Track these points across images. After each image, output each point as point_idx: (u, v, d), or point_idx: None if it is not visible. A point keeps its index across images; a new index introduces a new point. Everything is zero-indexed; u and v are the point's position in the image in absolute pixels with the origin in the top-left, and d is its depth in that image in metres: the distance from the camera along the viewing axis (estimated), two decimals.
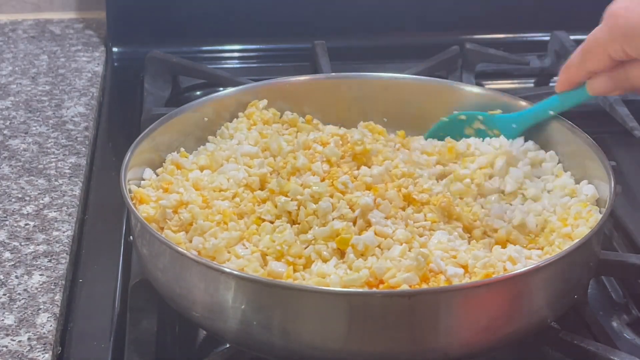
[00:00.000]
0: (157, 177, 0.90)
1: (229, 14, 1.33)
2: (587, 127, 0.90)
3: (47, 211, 0.96)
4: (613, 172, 0.85)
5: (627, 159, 1.07)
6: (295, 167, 0.87)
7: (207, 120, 0.97)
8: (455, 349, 0.75)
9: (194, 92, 1.24)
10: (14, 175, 1.02)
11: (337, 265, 0.79)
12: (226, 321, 0.76)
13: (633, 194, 1.03)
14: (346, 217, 0.82)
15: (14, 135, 1.10)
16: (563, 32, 1.30)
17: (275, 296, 0.73)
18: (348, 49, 1.31)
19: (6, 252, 0.90)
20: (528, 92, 1.19)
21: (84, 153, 1.07)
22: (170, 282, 0.79)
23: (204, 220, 0.83)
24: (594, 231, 0.79)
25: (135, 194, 0.86)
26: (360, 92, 1.01)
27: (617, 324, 0.88)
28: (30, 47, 1.31)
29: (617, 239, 0.97)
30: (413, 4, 1.35)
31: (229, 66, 1.31)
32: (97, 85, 1.22)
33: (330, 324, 0.73)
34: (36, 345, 0.80)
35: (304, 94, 1.01)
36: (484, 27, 1.36)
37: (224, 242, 0.81)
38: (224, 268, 0.75)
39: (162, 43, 1.28)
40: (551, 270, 0.76)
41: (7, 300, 0.84)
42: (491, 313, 0.75)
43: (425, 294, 0.74)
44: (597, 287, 0.93)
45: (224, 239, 0.81)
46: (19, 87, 1.20)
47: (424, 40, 1.32)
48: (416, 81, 1.03)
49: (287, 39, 1.33)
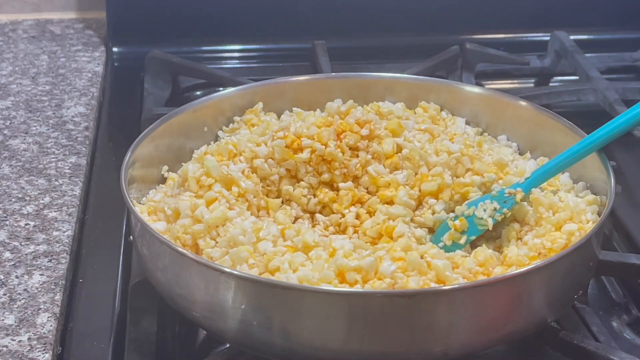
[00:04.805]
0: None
1: (229, 14, 1.33)
2: (587, 127, 0.90)
3: (47, 211, 0.97)
4: (613, 172, 0.85)
5: (627, 159, 1.07)
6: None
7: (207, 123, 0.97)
8: (455, 349, 0.75)
9: (194, 92, 1.24)
10: (14, 175, 1.02)
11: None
12: (226, 321, 0.76)
13: (633, 194, 1.03)
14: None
15: (14, 135, 1.10)
16: (563, 32, 1.30)
17: (275, 296, 0.73)
18: (348, 49, 1.31)
19: (6, 252, 0.90)
20: (528, 92, 1.19)
21: (84, 153, 1.07)
22: (170, 282, 0.79)
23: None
24: (594, 231, 0.79)
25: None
26: (360, 92, 1.01)
27: (617, 324, 0.88)
28: (30, 47, 1.31)
29: (617, 239, 0.97)
30: (413, 4, 1.35)
31: (229, 66, 1.31)
32: (97, 85, 1.22)
33: (330, 324, 0.73)
34: (36, 345, 0.80)
35: (304, 94, 1.01)
36: (484, 27, 1.36)
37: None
38: (224, 268, 0.75)
39: (162, 43, 1.28)
40: (551, 270, 0.76)
41: (7, 300, 0.84)
42: (491, 313, 0.75)
43: (425, 294, 0.74)
44: (597, 287, 0.93)
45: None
46: (19, 87, 1.20)
47: (424, 40, 1.32)
48: (416, 81, 1.03)
49: (287, 39, 1.33)
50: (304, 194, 0.90)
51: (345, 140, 0.91)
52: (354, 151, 0.92)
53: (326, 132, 0.91)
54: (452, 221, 0.87)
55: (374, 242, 0.86)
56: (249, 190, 0.86)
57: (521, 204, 0.86)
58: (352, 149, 0.92)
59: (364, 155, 0.91)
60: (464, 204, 0.88)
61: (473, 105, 0.99)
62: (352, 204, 0.90)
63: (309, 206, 0.91)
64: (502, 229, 0.87)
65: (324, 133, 0.91)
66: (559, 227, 0.83)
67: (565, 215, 0.84)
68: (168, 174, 0.91)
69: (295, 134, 0.91)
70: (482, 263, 0.81)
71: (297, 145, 0.90)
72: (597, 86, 1.17)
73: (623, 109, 1.09)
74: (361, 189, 0.91)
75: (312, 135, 0.91)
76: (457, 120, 0.98)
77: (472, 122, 0.99)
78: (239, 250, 0.79)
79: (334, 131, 0.91)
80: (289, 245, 0.80)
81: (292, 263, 0.77)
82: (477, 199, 0.88)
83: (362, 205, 0.90)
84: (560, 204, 0.85)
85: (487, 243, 0.86)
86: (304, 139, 0.91)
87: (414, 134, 0.93)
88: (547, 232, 0.83)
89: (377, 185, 0.90)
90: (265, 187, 0.90)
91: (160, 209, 0.86)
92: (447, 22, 1.35)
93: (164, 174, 0.92)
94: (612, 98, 1.14)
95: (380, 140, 0.92)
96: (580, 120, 0.93)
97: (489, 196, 0.88)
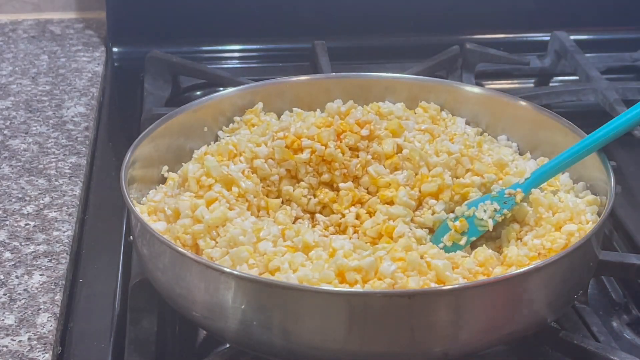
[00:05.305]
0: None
1: (229, 14, 1.33)
2: (587, 127, 0.90)
3: (47, 211, 0.97)
4: (613, 172, 0.85)
5: (627, 159, 1.07)
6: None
7: (207, 123, 0.97)
8: (455, 349, 0.75)
9: (194, 92, 1.24)
10: (14, 175, 1.02)
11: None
12: (226, 321, 0.76)
13: (633, 194, 1.03)
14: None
15: (14, 135, 1.10)
16: (563, 32, 1.30)
17: (275, 296, 0.73)
18: (348, 49, 1.31)
19: (6, 252, 0.90)
20: (528, 92, 1.19)
21: (84, 153, 1.07)
22: (170, 282, 0.79)
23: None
24: (594, 231, 0.79)
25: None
26: (360, 92, 1.01)
27: (617, 324, 0.88)
28: (30, 47, 1.31)
29: (617, 239, 0.97)
30: (413, 4, 1.35)
31: (229, 66, 1.31)
32: (97, 85, 1.22)
33: (330, 324, 0.73)
34: (36, 345, 0.80)
35: (304, 94, 1.01)
36: (484, 27, 1.36)
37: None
38: (224, 268, 0.75)
39: (162, 43, 1.28)
40: (551, 270, 0.76)
41: (7, 300, 0.84)
42: (491, 313, 0.75)
43: (425, 294, 0.74)
44: (597, 287, 0.93)
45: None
46: (19, 87, 1.20)
47: (424, 40, 1.32)
48: (416, 81, 1.03)
49: (287, 39, 1.33)
50: (304, 194, 0.90)
51: (345, 140, 0.91)
52: (354, 151, 0.92)
53: (326, 133, 0.91)
54: (452, 222, 0.87)
55: (374, 242, 0.86)
56: (249, 191, 0.86)
57: (521, 204, 0.86)
58: (352, 150, 0.92)
59: (364, 155, 0.91)
60: (464, 204, 0.88)
61: (473, 105, 0.99)
62: (352, 204, 0.90)
63: (309, 206, 0.91)
64: (502, 230, 0.87)
65: (324, 133, 0.91)
66: (559, 228, 0.83)
67: (565, 215, 0.84)
68: (168, 174, 0.91)
69: (296, 135, 0.91)
70: (482, 263, 0.81)
71: (297, 146, 0.90)
72: (597, 86, 1.17)
73: (623, 109, 1.09)
74: (361, 189, 0.91)
75: (312, 135, 0.91)
76: (457, 121, 0.98)
77: (472, 122, 0.99)
78: (239, 250, 0.79)
79: (334, 131, 0.91)
80: (289, 246, 0.80)
81: (292, 263, 0.77)
82: (477, 199, 0.88)
83: (362, 206, 0.90)
84: (560, 205, 0.85)
85: (487, 243, 0.86)
86: (304, 139, 0.91)
87: (414, 134, 0.94)
88: (547, 233, 0.83)
89: (377, 185, 0.90)
90: (266, 187, 0.90)
91: (160, 209, 0.86)
92: (447, 22, 1.35)
93: (164, 174, 0.92)
94: (612, 98, 1.14)
95: (381, 140, 0.92)
96: (580, 120, 0.93)
97: (489, 197, 0.88)
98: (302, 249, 0.80)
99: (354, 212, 0.89)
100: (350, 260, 0.77)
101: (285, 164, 0.90)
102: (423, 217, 0.88)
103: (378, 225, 0.87)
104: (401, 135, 0.93)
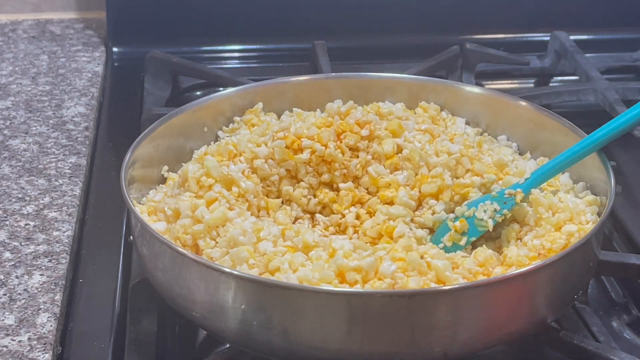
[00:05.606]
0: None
1: (229, 14, 1.33)
2: (587, 127, 0.90)
3: (47, 211, 0.97)
4: (613, 172, 0.85)
5: (627, 159, 1.07)
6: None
7: (207, 124, 0.97)
8: (455, 349, 0.75)
9: (194, 92, 1.24)
10: (14, 175, 1.02)
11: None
12: (226, 321, 0.76)
13: (633, 194, 1.03)
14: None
15: (14, 135, 1.10)
16: (563, 32, 1.30)
17: (275, 296, 0.73)
18: (348, 49, 1.31)
19: (6, 252, 0.90)
20: (528, 92, 1.20)
21: (84, 153, 1.07)
22: (170, 282, 0.79)
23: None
24: (594, 231, 0.79)
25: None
26: (360, 92, 1.01)
27: (617, 324, 0.88)
28: (30, 47, 1.31)
29: (617, 239, 0.97)
30: (413, 4, 1.35)
31: (229, 66, 1.31)
32: (97, 85, 1.22)
33: (330, 324, 0.73)
34: (36, 345, 0.80)
35: (304, 94, 1.01)
36: (484, 27, 1.36)
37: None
38: (224, 268, 0.75)
39: (162, 43, 1.28)
40: (551, 270, 0.76)
41: (7, 300, 0.84)
42: (491, 313, 0.75)
43: (425, 294, 0.74)
44: (597, 287, 0.93)
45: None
46: (19, 87, 1.20)
47: (424, 40, 1.32)
48: (416, 81, 1.03)
49: (287, 39, 1.33)
50: (304, 195, 0.90)
51: (345, 140, 0.91)
52: (354, 152, 0.92)
53: (326, 133, 0.91)
54: (452, 222, 0.87)
55: (374, 242, 0.86)
56: (249, 191, 0.86)
57: (521, 204, 0.86)
58: (352, 150, 0.92)
59: (364, 155, 0.91)
60: (464, 204, 0.88)
61: (473, 106, 0.99)
62: (352, 205, 0.90)
63: (309, 206, 0.91)
64: (502, 230, 0.87)
65: (324, 134, 0.91)
66: (559, 228, 0.83)
67: (564, 216, 0.84)
68: (168, 174, 0.92)
69: (296, 135, 0.91)
70: (482, 263, 0.81)
71: (297, 146, 0.90)
72: (597, 86, 1.17)
73: (623, 109, 1.09)
74: (361, 190, 0.91)
75: (312, 135, 0.91)
76: (457, 121, 0.98)
77: (472, 122, 0.99)
78: (239, 250, 0.79)
79: (334, 132, 0.91)
80: (289, 246, 0.80)
81: (292, 263, 0.77)
82: (477, 199, 0.88)
83: (362, 206, 0.90)
84: (559, 205, 0.85)
85: (487, 243, 0.86)
86: (304, 139, 0.91)
87: (414, 134, 0.94)
88: (546, 233, 0.83)
89: (377, 185, 0.90)
90: (266, 187, 0.90)
91: (161, 209, 0.86)
92: (447, 22, 1.35)
93: (164, 174, 0.92)
94: (612, 98, 1.14)
95: (381, 140, 0.92)
96: (580, 120, 0.93)
97: (489, 197, 0.88)
98: (302, 249, 0.80)
99: (354, 212, 0.90)
100: (350, 260, 0.77)
101: (285, 164, 0.90)
102: (423, 217, 0.88)
103: (378, 226, 0.87)
104: (401, 135, 0.93)
